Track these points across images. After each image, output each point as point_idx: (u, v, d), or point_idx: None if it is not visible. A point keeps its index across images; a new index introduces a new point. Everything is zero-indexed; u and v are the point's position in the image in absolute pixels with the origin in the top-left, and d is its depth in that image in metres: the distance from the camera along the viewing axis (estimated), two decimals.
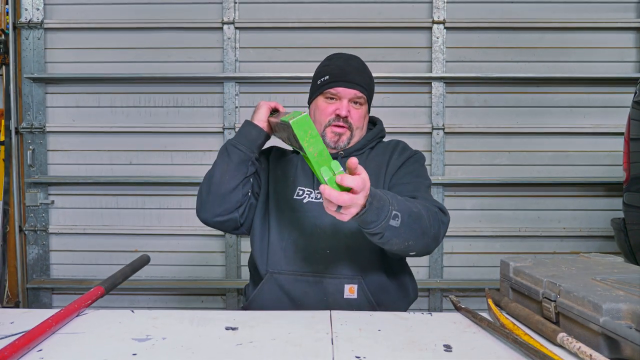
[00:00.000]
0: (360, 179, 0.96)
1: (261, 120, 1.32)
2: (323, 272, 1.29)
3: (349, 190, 0.96)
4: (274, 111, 1.35)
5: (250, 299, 1.36)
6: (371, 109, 1.49)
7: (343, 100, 1.36)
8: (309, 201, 1.35)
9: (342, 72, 1.38)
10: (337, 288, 1.28)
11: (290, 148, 1.51)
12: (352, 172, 0.97)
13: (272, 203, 1.39)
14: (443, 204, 1.33)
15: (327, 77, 1.38)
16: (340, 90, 1.36)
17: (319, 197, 1.34)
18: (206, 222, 1.35)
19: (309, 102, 1.47)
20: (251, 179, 1.36)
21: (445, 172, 2.80)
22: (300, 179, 1.40)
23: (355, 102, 1.38)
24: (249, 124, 1.33)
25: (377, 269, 1.32)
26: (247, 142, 1.31)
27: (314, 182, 1.37)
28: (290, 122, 1.01)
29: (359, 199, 0.97)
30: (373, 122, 1.52)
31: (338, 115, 1.36)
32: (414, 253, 1.19)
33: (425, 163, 1.45)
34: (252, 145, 1.32)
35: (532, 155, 2.81)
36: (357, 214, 1.00)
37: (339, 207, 0.96)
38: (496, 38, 2.80)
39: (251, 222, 1.41)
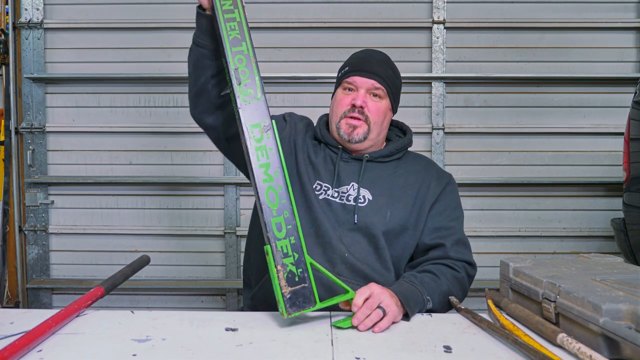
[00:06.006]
0: (360, 296, 1.07)
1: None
2: (335, 274, 1.25)
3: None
4: None
5: (256, 289, 1.33)
6: None
7: (360, 90, 1.34)
8: (324, 198, 1.31)
9: (361, 63, 1.36)
10: (343, 290, 1.26)
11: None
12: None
13: (292, 186, 1.33)
14: (471, 255, 1.35)
15: (347, 68, 1.37)
16: (357, 79, 1.34)
17: (335, 195, 1.32)
18: (195, 120, 1.35)
19: (333, 97, 1.44)
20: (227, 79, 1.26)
21: None
22: (321, 172, 1.34)
23: (375, 95, 1.34)
24: (197, 15, 1.23)
25: (392, 284, 1.28)
26: (202, 35, 1.23)
27: (334, 179, 1.33)
28: None
29: (374, 301, 1.06)
30: (403, 131, 1.49)
31: (354, 106, 1.33)
32: None
33: None
34: (207, 35, 1.23)
35: (532, 155, 2.81)
36: (407, 316, 1.11)
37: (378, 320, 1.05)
38: (496, 38, 2.80)
39: (242, 154, 1.33)
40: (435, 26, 2.75)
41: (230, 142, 1.37)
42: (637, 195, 2.14)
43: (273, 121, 1.12)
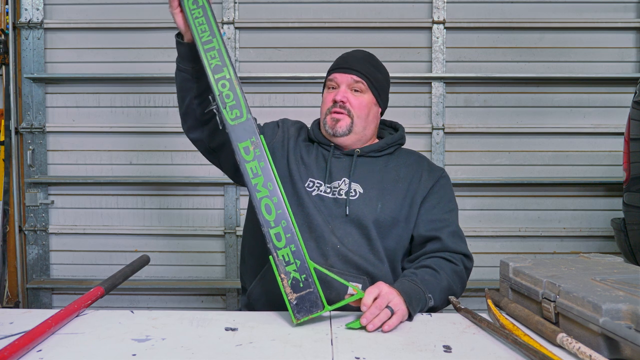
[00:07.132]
0: (368, 296, 1.07)
1: (181, 26, 1.31)
2: (328, 267, 1.27)
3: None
4: None
5: (253, 286, 1.34)
6: None
7: (341, 86, 1.39)
8: (317, 194, 1.34)
9: (342, 61, 1.42)
10: (340, 284, 1.24)
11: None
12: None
13: (284, 186, 1.35)
14: (467, 247, 1.36)
15: (330, 68, 1.44)
16: (337, 76, 1.40)
17: (327, 191, 1.34)
18: (186, 135, 1.43)
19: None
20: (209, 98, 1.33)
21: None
22: (314, 170, 1.37)
23: (356, 90, 1.39)
24: (176, 43, 1.34)
25: (386, 275, 1.30)
26: (182, 61, 1.33)
27: (326, 175, 1.36)
28: None
29: (383, 301, 1.06)
30: (395, 128, 1.52)
31: (336, 102, 1.38)
32: None
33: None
34: (186, 61, 1.32)
35: (532, 155, 2.81)
36: (410, 316, 1.11)
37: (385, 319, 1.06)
38: (496, 38, 2.80)
39: (229, 162, 1.40)
40: (435, 26, 2.75)
41: (218, 153, 1.44)
42: (637, 195, 2.14)
43: (261, 136, 1.18)
